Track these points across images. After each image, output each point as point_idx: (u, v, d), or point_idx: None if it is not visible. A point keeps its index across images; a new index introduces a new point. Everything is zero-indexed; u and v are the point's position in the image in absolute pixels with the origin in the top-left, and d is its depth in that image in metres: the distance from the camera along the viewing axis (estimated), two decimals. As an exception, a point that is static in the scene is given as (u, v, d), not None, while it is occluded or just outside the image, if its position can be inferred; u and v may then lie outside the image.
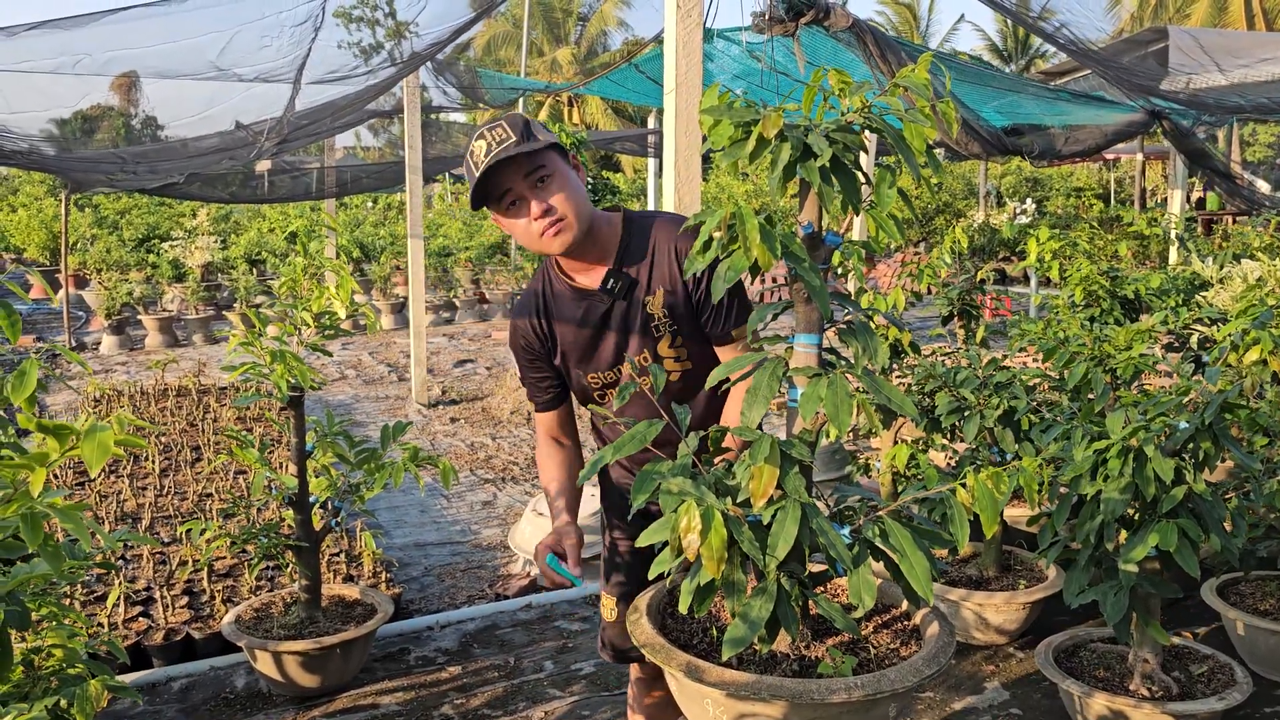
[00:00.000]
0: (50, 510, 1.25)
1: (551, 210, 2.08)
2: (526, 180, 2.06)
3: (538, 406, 2.41)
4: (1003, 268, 13.54)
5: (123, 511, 4.92)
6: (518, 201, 2.09)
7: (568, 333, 2.27)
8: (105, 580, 4.05)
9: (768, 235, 1.45)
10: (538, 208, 2.07)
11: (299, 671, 3.31)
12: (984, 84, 5.35)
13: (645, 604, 1.81)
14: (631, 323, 2.22)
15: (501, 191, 2.08)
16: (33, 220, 17.74)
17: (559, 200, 2.08)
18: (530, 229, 2.10)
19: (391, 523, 5.26)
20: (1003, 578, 3.71)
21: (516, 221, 2.11)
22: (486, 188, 2.07)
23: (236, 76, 4.91)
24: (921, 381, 3.82)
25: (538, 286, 2.32)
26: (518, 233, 2.13)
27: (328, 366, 10.42)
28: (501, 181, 2.05)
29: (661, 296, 2.20)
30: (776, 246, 1.44)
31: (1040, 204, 19.12)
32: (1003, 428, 3.61)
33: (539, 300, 2.30)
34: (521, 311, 2.34)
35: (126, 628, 3.68)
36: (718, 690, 1.48)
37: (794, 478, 1.49)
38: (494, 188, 2.07)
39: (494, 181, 2.05)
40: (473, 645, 3.77)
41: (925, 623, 1.75)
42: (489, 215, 2.19)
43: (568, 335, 2.27)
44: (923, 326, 8.38)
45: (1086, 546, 2.82)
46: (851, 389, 1.50)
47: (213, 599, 3.89)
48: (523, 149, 2.02)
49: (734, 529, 1.44)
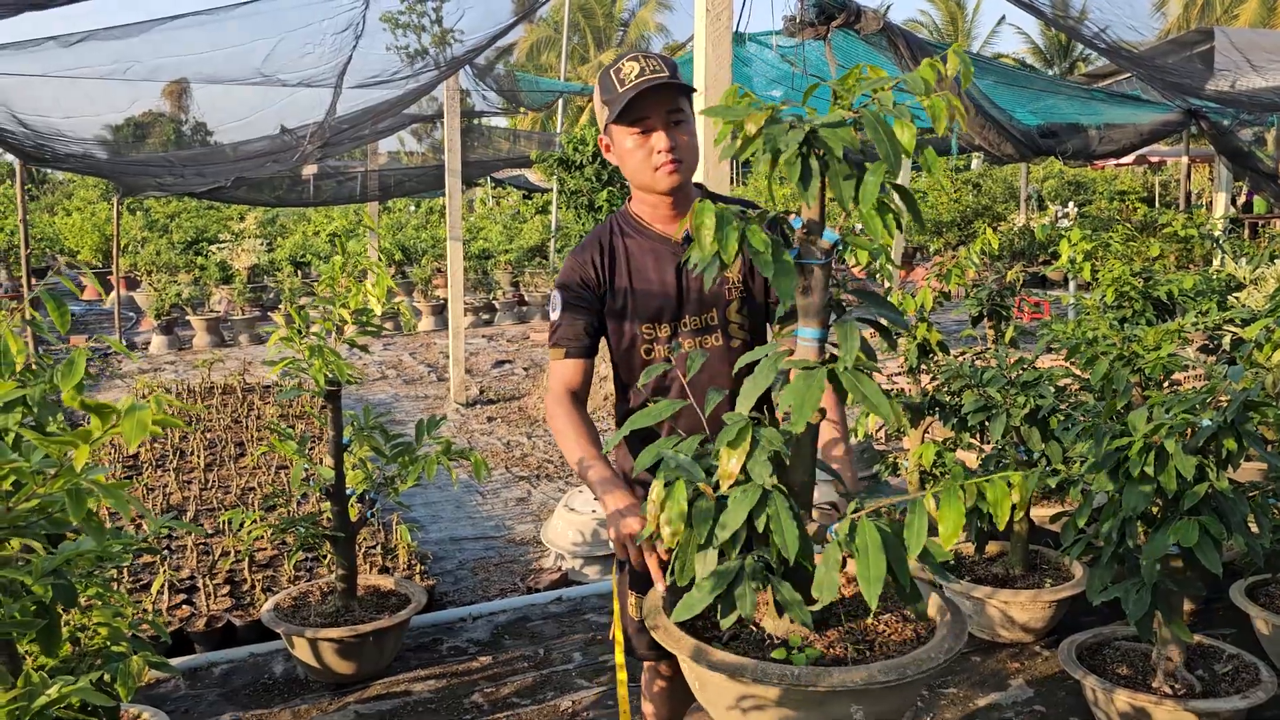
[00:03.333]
0: (94, 487, 1.34)
1: (676, 150, 2.16)
2: (667, 115, 2.14)
3: (568, 352, 2.30)
4: (1042, 271, 13.43)
5: (168, 504, 5.07)
6: (648, 131, 2.16)
7: (633, 279, 2.28)
8: (151, 569, 4.18)
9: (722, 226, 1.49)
10: (665, 142, 2.15)
11: (334, 658, 3.41)
12: (1018, 85, 5.34)
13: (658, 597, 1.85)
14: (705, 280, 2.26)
15: (638, 116, 2.15)
16: (86, 223, 18.17)
17: (685, 146, 2.17)
18: (649, 159, 2.17)
19: (428, 518, 5.36)
20: (1029, 576, 3.72)
21: (638, 150, 2.18)
22: (628, 108, 2.13)
23: (280, 82, 5.04)
24: (948, 381, 3.84)
25: (604, 231, 2.35)
26: (634, 160, 2.19)
27: (369, 366, 10.59)
28: (644, 108, 2.13)
29: (740, 262, 2.24)
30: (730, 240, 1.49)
31: (1083, 207, 18.91)
32: (1029, 426, 3.63)
33: (604, 244, 2.32)
34: (582, 251, 2.34)
35: (171, 614, 3.80)
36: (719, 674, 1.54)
37: (759, 463, 1.54)
38: (635, 109, 2.13)
39: (637, 104, 2.12)
40: (504, 636, 3.84)
41: (940, 618, 1.79)
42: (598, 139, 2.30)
43: (632, 281, 2.28)
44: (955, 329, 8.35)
45: (1109, 544, 2.83)
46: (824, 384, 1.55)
47: (253, 588, 4.01)
48: (676, 82, 2.12)
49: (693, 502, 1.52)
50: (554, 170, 8.32)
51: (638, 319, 2.29)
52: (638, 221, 2.32)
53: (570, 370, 2.30)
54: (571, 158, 7.62)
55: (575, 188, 7.59)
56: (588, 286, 2.30)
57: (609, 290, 2.31)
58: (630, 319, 2.30)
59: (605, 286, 2.30)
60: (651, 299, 2.27)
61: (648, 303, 2.28)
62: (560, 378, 2.31)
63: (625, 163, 2.23)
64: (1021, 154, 4.56)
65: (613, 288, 2.30)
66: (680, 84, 2.12)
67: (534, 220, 17.62)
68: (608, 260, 2.30)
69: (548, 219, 16.40)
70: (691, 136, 2.19)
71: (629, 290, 2.29)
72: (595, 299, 2.31)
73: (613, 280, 2.30)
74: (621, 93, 2.13)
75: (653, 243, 2.28)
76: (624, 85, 2.13)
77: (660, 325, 2.28)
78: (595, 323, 2.32)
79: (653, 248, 2.28)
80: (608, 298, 2.31)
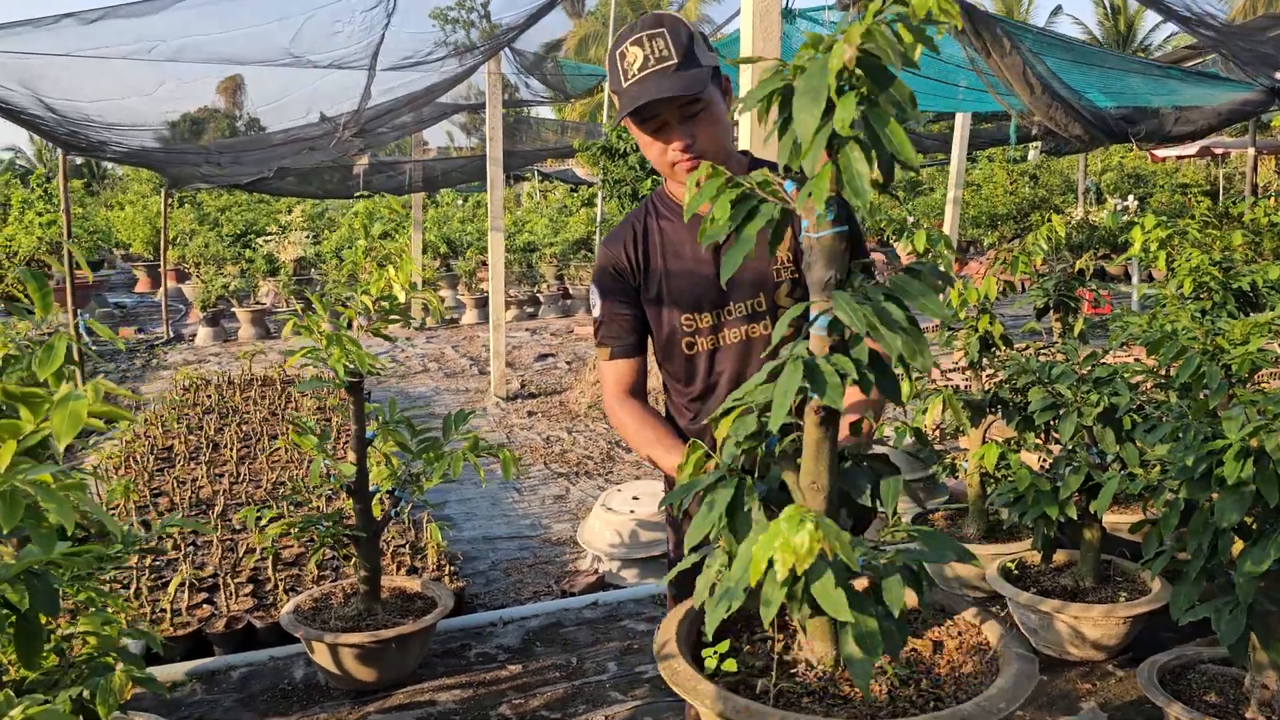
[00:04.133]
0: (29, 489, 1.14)
1: (694, 147, 1.92)
2: (679, 110, 1.90)
3: (614, 352, 2.12)
4: (1102, 265, 12.97)
5: (197, 497, 4.94)
6: (662, 128, 1.93)
7: (670, 264, 2.07)
8: (175, 566, 4.05)
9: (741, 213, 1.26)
10: (681, 141, 1.92)
11: (355, 664, 3.23)
12: (1087, 63, 5.02)
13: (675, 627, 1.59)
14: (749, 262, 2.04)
15: (648, 115, 1.91)
16: (137, 217, 18.37)
17: (705, 138, 1.93)
18: (664, 156, 1.96)
19: (461, 515, 5.18)
20: (1101, 589, 3.44)
21: (653, 144, 1.96)
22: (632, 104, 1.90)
23: (311, 63, 4.88)
24: (1013, 377, 3.57)
25: (637, 216, 2.14)
26: (651, 155, 1.99)
27: (411, 359, 10.49)
28: (653, 105, 1.88)
29: (789, 239, 1.99)
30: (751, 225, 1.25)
31: (1143, 200, 18.33)
32: (1102, 427, 3.34)
33: (636, 229, 2.12)
34: (613, 240, 2.14)
35: (190, 614, 3.65)
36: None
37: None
38: (642, 109, 1.89)
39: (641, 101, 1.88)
40: (535, 643, 3.64)
41: (998, 640, 1.54)
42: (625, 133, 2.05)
43: (670, 267, 2.07)
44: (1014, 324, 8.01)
45: (1197, 558, 2.56)
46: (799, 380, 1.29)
47: (276, 588, 3.85)
48: (680, 82, 1.84)
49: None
50: (599, 159, 8.13)
51: (677, 308, 2.07)
52: (674, 202, 2.10)
53: (622, 371, 2.12)
54: (615, 145, 7.42)
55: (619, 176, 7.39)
56: (622, 276, 2.10)
57: (644, 278, 2.09)
58: (668, 308, 2.08)
59: (641, 274, 2.09)
60: (690, 285, 2.06)
61: (686, 289, 2.06)
62: (613, 379, 2.13)
63: (645, 154, 2.02)
64: (1091, 135, 4.26)
65: (647, 274, 2.09)
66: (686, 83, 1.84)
67: (580, 213, 17.46)
68: (641, 245, 2.09)
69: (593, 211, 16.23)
70: (714, 123, 1.93)
71: (664, 276, 2.07)
72: (633, 290, 2.11)
73: (647, 266, 2.09)
74: (625, 87, 1.89)
75: (690, 223, 2.05)
76: (627, 77, 1.89)
77: (701, 314, 2.06)
78: (639, 314, 2.12)
79: (690, 229, 2.06)
80: (643, 287, 2.10)
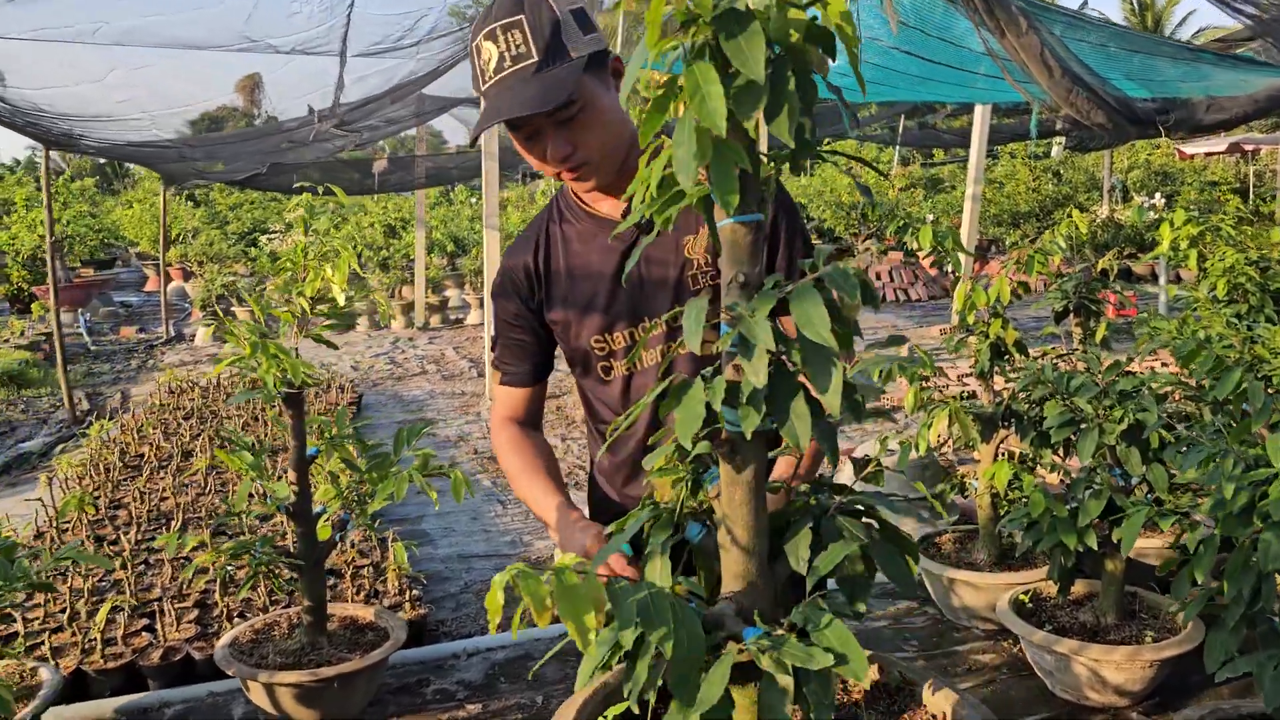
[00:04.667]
0: None
1: (575, 155, 1.58)
2: (549, 118, 1.54)
3: (505, 378, 1.84)
4: (1128, 264, 12.55)
5: (159, 511, 4.67)
6: (536, 136, 1.57)
7: (574, 277, 1.74)
8: (122, 587, 3.77)
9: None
10: (558, 150, 1.57)
11: (294, 705, 2.92)
12: (1112, 45, 4.67)
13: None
14: (661, 269, 1.68)
15: (515, 123, 1.56)
16: (145, 214, 18.24)
17: (589, 143, 1.58)
18: (545, 165, 1.61)
19: (439, 530, 4.89)
20: (1124, 625, 3.08)
21: (529, 154, 1.62)
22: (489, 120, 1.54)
23: (271, 48, 4.58)
24: (1028, 388, 3.22)
25: (541, 221, 1.80)
26: (533, 164, 1.64)
27: (410, 360, 10.22)
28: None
29: (706, 238, 1.65)
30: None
31: (1170, 199, 17.87)
32: (1127, 446, 2.99)
33: (539, 237, 1.78)
34: (515, 249, 1.80)
35: (126, 643, 3.37)
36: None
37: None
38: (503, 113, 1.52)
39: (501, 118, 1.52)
40: (499, 679, 3.32)
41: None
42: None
43: (573, 280, 1.74)
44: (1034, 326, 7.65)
45: (1237, 603, 2.22)
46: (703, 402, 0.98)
47: (224, 613, 3.56)
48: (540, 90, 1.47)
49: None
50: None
51: (585, 326, 1.73)
52: (577, 201, 1.74)
53: (513, 399, 1.84)
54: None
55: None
56: (520, 295, 1.78)
57: (546, 293, 1.76)
58: (577, 326, 1.75)
59: (543, 290, 1.76)
60: (598, 300, 1.72)
61: (595, 306, 1.72)
62: (501, 403, 1.85)
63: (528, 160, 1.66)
64: (1115, 123, 3.92)
65: (550, 289, 1.75)
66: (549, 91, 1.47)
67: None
68: (541, 262, 1.76)
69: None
70: (597, 124, 1.56)
71: (570, 292, 1.73)
72: (533, 311, 1.78)
73: (549, 283, 1.75)
74: (485, 90, 1.54)
75: (596, 227, 1.72)
76: (484, 79, 1.53)
77: (613, 333, 1.72)
78: (538, 339, 1.80)
79: (596, 234, 1.71)
80: (545, 304, 1.76)
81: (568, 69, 1.49)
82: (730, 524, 1.20)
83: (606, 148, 1.59)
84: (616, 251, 1.68)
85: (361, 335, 11.88)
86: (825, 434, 1.10)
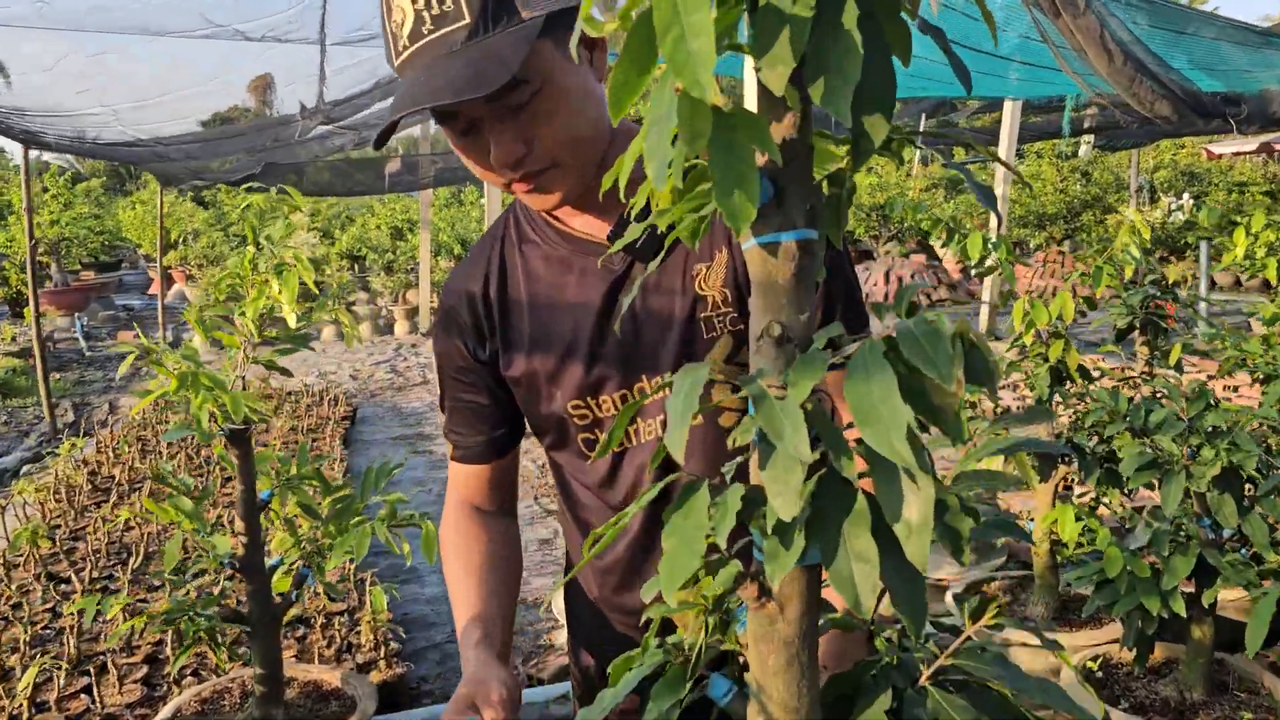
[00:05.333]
0: None
1: (529, 158, 1.10)
2: (489, 107, 1.07)
3: (458, 452, 1.36)
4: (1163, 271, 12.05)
5: (121, 543, 4.25)
6: (473, 130, 1.10)
7: (541, 319, 1.25)
8: (63, 639, 3.34)
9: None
10: (505, 152, 1.09)
11: (239, 796, 2.51)
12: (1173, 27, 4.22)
13: None
14: (664, 309, 1.19)
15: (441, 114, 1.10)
16: (145, 216, 17.94)
17: (552, 137, 1.09)
18: (493, 175, 1.13)
19: (428, 567, 4.46)
20: (1214, 704, 2.64)
21: (466, 156, 1.14)
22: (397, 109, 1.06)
23: (241, 35, 4.15)
24: (1098, 423, 2.77)
25: (493, 239, 1.31)
26: (476, 171, 1.15)
27: (412, 369, 9.81)
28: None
29: (724, 267, 1.18)
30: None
31: (1198, 199, 17.33)
32: (1219, 493, 2.55)
33: (491, 262, 1.28)
34: (455, 279, 1.31)
35: (61, 708, 2.95)
36: None
37: None
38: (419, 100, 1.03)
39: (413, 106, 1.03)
40: (484, 754, 2.90)
41: None
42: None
43: (540, 322, 1.25)
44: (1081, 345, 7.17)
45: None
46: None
47: (175, 674, 3.14)
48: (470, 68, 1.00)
49: None
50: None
51: (561, 390, 1.25)
52: (543, 217, 1.25)
53: (469, 479, 1.38)
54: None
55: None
56: (465, 340, 1.29)
57: (502, 340, 1.27)
58: (548, 385, 1.26)
59: (496, 334, 1.28)
60: (577, 350, 1.23)
61: (574, 357, 1.23)
62: (456, 484, 1.38)
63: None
64: (1181, 115, 3.50)
65: (507, 337, 1.27)
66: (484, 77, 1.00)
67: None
68: (495, 286, 1.27)
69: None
70: (558, 111, 1.08)
71: (537, 338, 1.24)
72: (486, 362, 1.30)
73: (504, 325, 1.27)
74: (397, 65, 1.09)
75: (568, 251, 1.23)
76: (396, 49, 1.08)
77: (599, 396, 1.23)
78: (497, 401, 1.32)
79: (568, 258, 1.23)
80: (501, 353, 1.28)
81: (515, 35, 1.02)
82: (763, 697, 0.79)
83: (573, 144, 1.11)
84: (602, 284, 1.21)
85: (364, 341, 11.52)
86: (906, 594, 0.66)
